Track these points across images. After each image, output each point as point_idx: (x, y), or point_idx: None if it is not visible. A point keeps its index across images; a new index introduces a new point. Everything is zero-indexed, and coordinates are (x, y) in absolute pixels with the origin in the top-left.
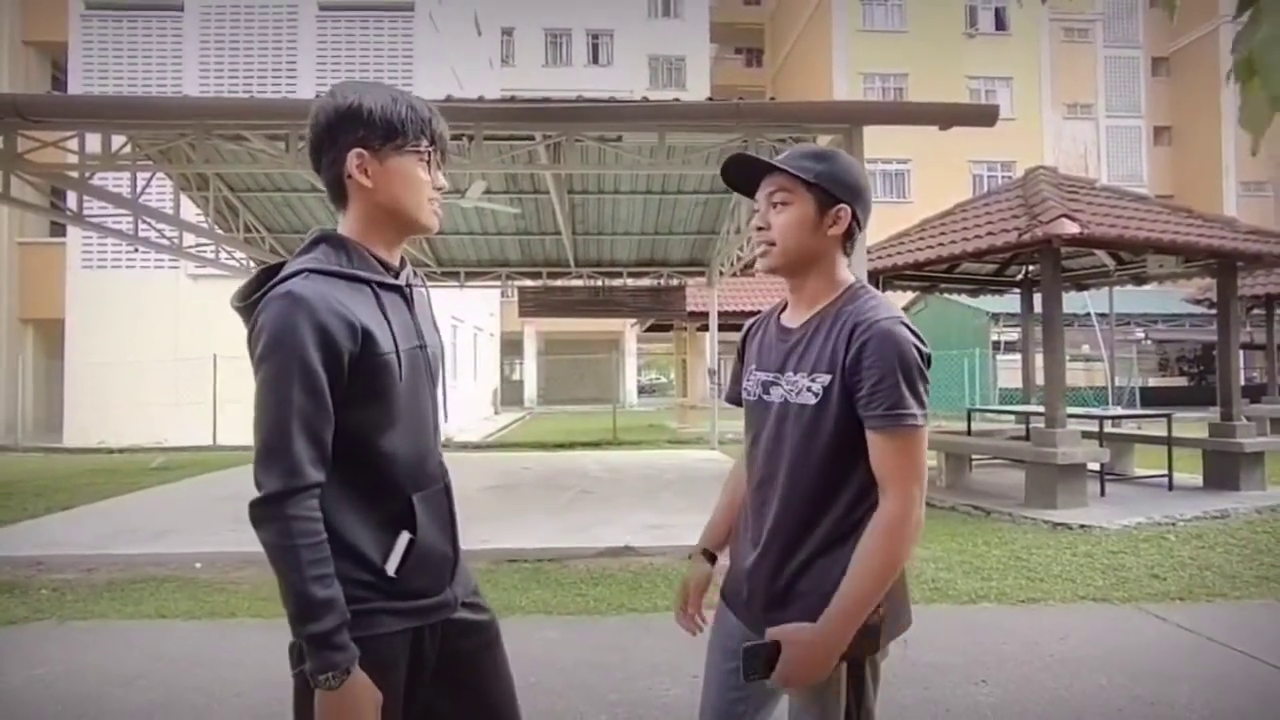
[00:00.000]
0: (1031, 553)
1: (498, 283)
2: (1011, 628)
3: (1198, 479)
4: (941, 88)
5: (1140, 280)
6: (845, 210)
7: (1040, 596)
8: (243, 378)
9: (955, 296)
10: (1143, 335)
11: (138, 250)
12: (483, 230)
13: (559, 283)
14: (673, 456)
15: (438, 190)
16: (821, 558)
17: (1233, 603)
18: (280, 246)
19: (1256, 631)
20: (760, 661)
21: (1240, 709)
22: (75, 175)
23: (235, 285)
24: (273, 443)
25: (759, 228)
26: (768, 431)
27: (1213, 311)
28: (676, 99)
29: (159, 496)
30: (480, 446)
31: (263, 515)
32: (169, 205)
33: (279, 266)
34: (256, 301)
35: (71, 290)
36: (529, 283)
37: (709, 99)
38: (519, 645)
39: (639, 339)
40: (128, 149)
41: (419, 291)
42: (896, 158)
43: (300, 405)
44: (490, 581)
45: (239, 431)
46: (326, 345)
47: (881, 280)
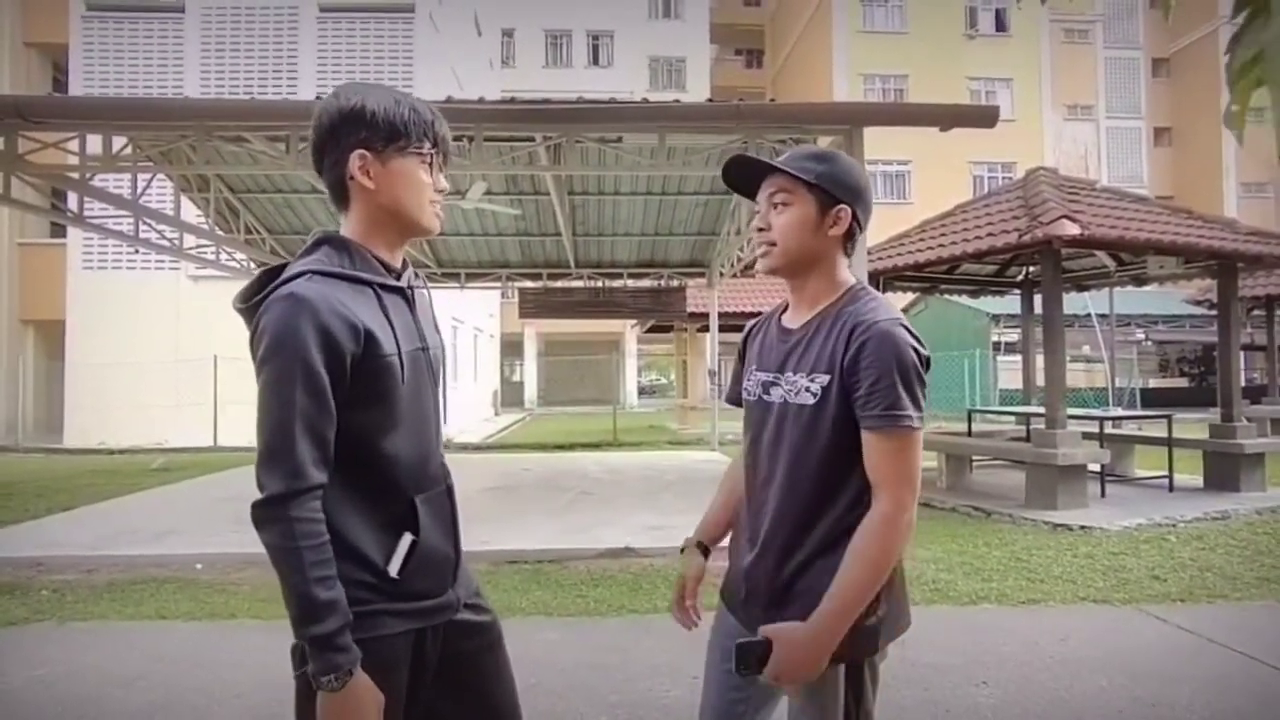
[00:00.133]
0: (1032, 554)
1: (498, 284)
2: (1012, 629)
3: (1198, 480)
4: (942, 89)
5: (1141, 281)
6: (846, 211)
7: (1041, 598)
8: (243, 379)
9: (956, 297)
10: (1143, 336)
11: (138, 251)
12: (483, 231)
13: (559, 284)
14: (673, 458)
15: (439, 192)
16: (820, 558)
17: (1233, 604)
18: (281, 248)
19: (1257, 633)
20: (753, 658)
21: (1241, 710)
22: (76, 176)
23: (236, 286)
24: (275, 444)
25: (760, 228)
26: (767, 432)
27: (1213, 313)
28: (677, 100)
29: (159, 497)
30: (480, 448)
31: (265, 517)
32: (169, 206)
33: (281, 268)
34: (259, 303)
35: (72, 291)
36: (529, 284)
37: (709, 100)
38: (519, 646)
39: (639, 340)
40: (128, 150)
41: (420, 293)
42: (897, 159)
43: (303, 407)
44: (491, 583)
45: (239, 432)
46: (329, 347)
47: (882, 281)
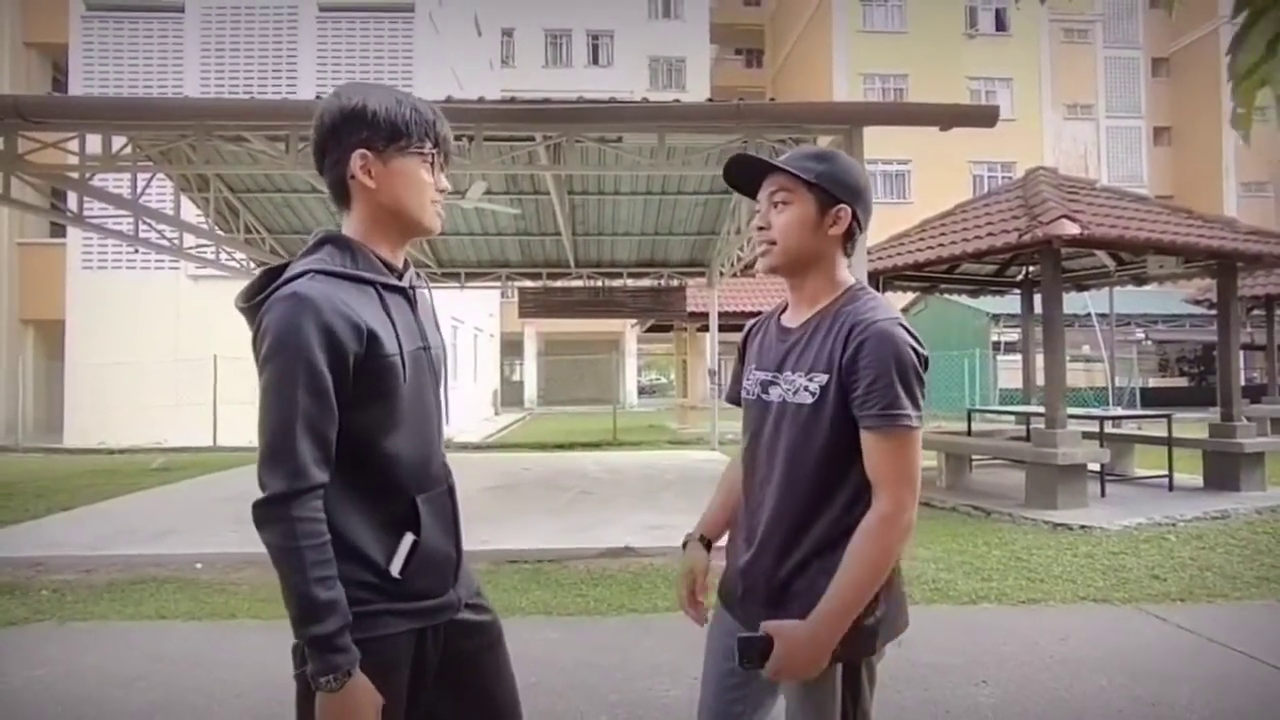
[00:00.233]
0: (1032, 553)
1: (498, 283)
2: (1012, 628)
3: (1198, 479)
4: (942, 88)
5: (1140, 281)
6: (845, 210)
7: (1040, 597)
8: (243, 378)
9: (955, 297)
10: (1143, 336)
11: (138, 251)
12: (483, 231)
13: (559, 283)
14: (673, 457)
15: (440, 192)
16: (817, 558)
17: (1233, 603)
18: (280, 247)
19: (1257, 632)
20: (755, 653)
21: (1240, 710)
22: (75, 176)
23: (236, 286)
24: (277, 444)
25: (760, 227)
26: (765, 431)
27: (1213, 312)
28: (677, 100)
29: (159, 497)
30: (480, 447)
31: (267, 516)
32: (169, 206)
33: (283, 267)
34: (261, 302)
35: (72, 291)
36: (529, 283)
37: (709, 100)
38: (519, 646)
39: (639, 339)
40: (128, 150)
41: (422, 293)
42: (897, 158)
43: (305, 406)
44: (491, 582)
45: (239, 432)
46: (332, 346)
47: (882, 281)
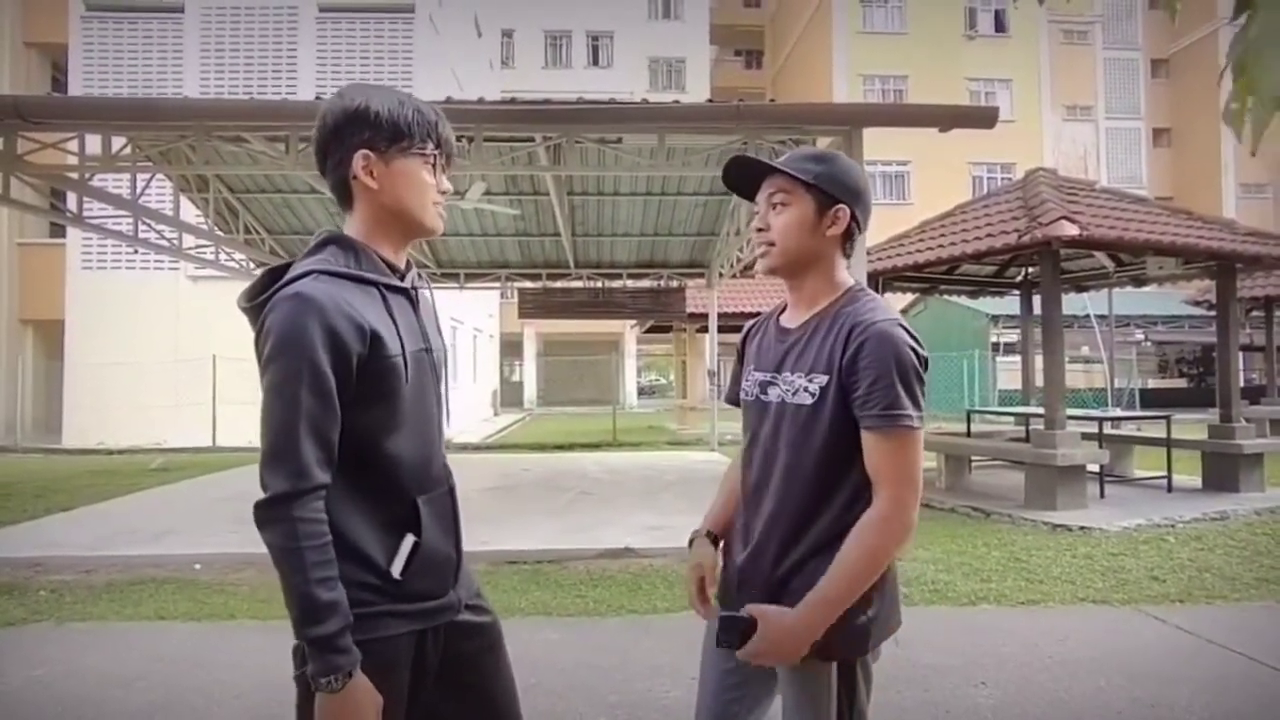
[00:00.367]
0: (1031, 554)
1: (497, 284)
2: (1011, 629)
3: (1197, 481)
4: (941, 89)
5: (1140, 282)
6: (844, 211)
7: (1040, 598)
8: (242, 379)
9: (955, 298)
10: (1142, 337)
11: (137, 252)
12: (482, 232)
13: (559, 284)
14: (672, 458)
15: (442, 193)
16: (815, 558)
17: (1232, 604)
18: (280, 248)
19: (1256, 633)
20: (735, 634)
21: (1240, 711)
22: (75, 176)
23: (235, 287)
24: (280, 444)
25: (759, 229)
26: (765, 431)
27: (1212, 313)
28: (676, 101)
29: (158, 498)
30: (480, 448)
31: (268, 517)
32: (169, 207)
33: (285, 267)
34: (264, 302)
35: (71, 291)
36: (529, 284)
37: (709, 101)
38: (519, 647)
39: (639, 340)
40: (127, 150)
41: (424, 294)
42: (896, 159)
43: (308, 407)
44: (490, 583)
45: (239, 432)
46: (335, 347)
47: (881, 281)
